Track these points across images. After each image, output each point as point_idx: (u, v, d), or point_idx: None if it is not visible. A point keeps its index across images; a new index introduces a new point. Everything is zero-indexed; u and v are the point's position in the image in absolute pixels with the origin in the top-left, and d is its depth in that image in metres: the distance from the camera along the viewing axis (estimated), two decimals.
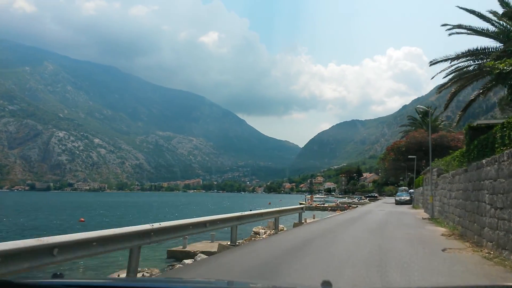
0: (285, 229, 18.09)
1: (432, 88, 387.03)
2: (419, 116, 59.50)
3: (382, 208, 36.12)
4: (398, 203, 46.27)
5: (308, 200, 68.17)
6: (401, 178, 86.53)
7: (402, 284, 5.97)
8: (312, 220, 23.77)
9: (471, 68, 17.03)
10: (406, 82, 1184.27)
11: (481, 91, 16.93)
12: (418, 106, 57.03)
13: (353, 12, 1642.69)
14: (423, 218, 21.15)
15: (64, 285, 1.20)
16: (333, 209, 49.72)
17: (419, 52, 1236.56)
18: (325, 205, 57.69)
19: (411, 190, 49.33)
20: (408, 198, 46.80)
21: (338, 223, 19.02)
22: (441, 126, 56.93)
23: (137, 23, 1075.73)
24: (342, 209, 46.60)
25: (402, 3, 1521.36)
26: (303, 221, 21.78)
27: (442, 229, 14.94)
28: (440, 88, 18.67)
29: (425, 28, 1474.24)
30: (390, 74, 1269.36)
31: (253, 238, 15.25)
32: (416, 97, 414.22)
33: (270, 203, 70.39)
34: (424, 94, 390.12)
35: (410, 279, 6.41)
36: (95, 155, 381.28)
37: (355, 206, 49.99)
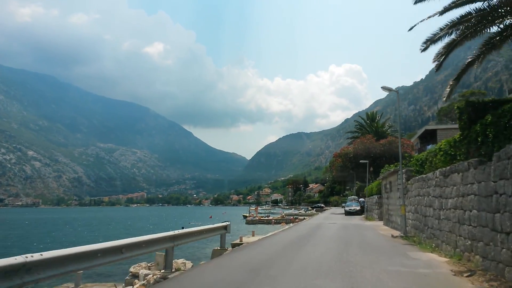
0: (187, 265, 12.03)
1: (371, 103, 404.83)
2: (366, 122, 57.74)
3: (333, 221, 31.35)
4: (348, 213, 42.84)
5: (251, 212, 65.10)
6: (347, 187, 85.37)
7: None
8: (250, 238, 18.60)
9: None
10: (348, 97, 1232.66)
11: (481, 50, 11.33)
12: (359, 116, 57.54)
13: (297, 29, 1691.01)
14: (393, 236, 15.81)
15: None
16: (278, 221, 46.75)
17: (359, 69, 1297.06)
18: (269, 217, 55.08)
19: (362, 199, 45.78)
20: (358, 208, 43.45)
21: (280, 247, 13.11)
22: (388, 131, 55.14)
23: (77, 32, 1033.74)
24: (288, 221, 43.74)
25: (343, 23, 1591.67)
26: (238, 240, 17.99)
27: (440, 259, 9.76)
28: (429, 41, 11.03)
29: (364, 47, 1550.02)
30: (332, 90, 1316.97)
31: None
32: (357, 111, 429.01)
33: (211, 217, 66.52)
34: (364, 108, 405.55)
35: None
36: (28, 169, 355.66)
37: (302, 218, 46.35)
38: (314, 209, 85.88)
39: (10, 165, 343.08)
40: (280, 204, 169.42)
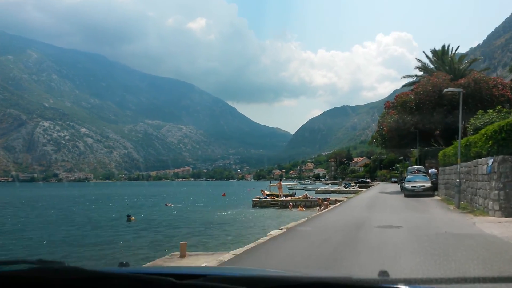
0: None
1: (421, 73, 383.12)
2: (432, 58, 42.01)
3: (390, 212, 17.61)
4: (410, 193, 26.70)
5: (270, 190, 45.65)
6: (403, 156, 67.57)
7: None
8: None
9: None
10: (396, 68, 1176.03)
11: None
12: (422, 52, 46.20)
13: None
14: None
15: (131, 273, 1.25)
16: (296, 204, 34.65)
17: (408, 37, 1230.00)
18: (287, 198, 38.12)
19: (432, 170, 30.87)
20: (428, 184, 27.41)
21: None
22: (468, 70, 38.94)
23: (122, 9, 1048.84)
24: (310, 205, 33.25)
25: None
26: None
27: None
28: None
29: (413, 13, 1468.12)
30: (380, 60, 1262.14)
31: None
32: (406, 81, 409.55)
33: (224, 195, 57.94)
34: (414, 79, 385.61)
35: None
36: (81, 145, 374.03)
37: (336, 201, 30.11)
38: (358, 185, 74.97)
39: (64, 141, 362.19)
40: (323, 179, 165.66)
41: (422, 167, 33.78)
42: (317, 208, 28.00)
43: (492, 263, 6.84)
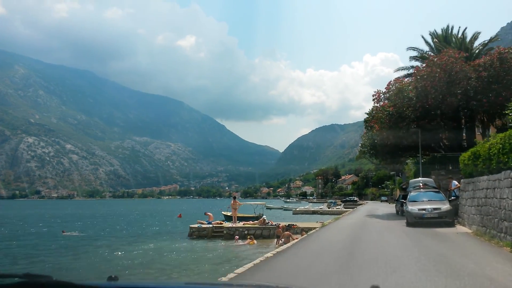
0: None
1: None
2: (433, 41, 31.53)
3: (395, 264, 8.85)
4: (417, 221, 17.54)
5: (227, 210, 37.49)
6: (401, 162, 48.62)
7: None
8: None
9: None
10: (383, 88, 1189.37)
11: None
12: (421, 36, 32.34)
13: (330, 19, 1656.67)
14: None
15: (120, 287, 1.19)
16: (248, 233, 24.66)
17: (395, 58, 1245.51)
18: (236, 224, 27.16)
19: (454, 183, 19.75)
20: (445, 206, 17.58)
21: None
22: (484, 50, 29.73)
23: (112, 26, 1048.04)
24: (270, 235, 24.35)
25: (377, 11, 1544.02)
26: None
27: None
28: None
29: (400, 35, 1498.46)
30: (367, 80, 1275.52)
31: None
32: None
33: (180, 216, 47.47)
34: None
35: None
36: (66, 162, 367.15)
37: (302, 232, 21.62)
38: (344, 203, 68.84)
39: (48, 158, 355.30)
40: (310, 197, 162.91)
41: (431, 179, 22.67)
42: (276, 240, 20.23)
43: None
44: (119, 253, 21.21)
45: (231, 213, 34.18)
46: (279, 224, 24.55)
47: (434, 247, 11.43)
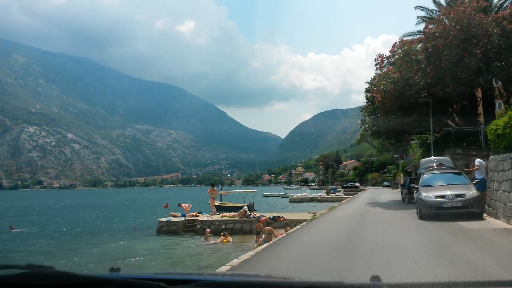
0: None
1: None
2: None
3: None
4: (435, 213, 13.21)
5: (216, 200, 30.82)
6: (405, 144, 46.07)
7: None
8: None
9: None
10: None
11: None
12: None
13: (330, 1, 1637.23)
14: None
15: (122, 278, 1.20)
16: (226, 228, 21.15)
17: (397, 40, 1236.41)
18: (212, 217, 23.03)
19: (481, 162, 14.41)
20: (471, 192, 13.12)
21: None
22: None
23: (110, 12, 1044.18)
24: (251, 230, 19.62)
25: None
26: None
27: None
28: None
29: (401, 15, 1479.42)
30: (369, 63, 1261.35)
31: None
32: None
33: (167, 206, 33.31)
34: None
35: None
36: (68, 151, 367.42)
37: (285, 228, 17.08)
38: (345, 189, 65.58)
39: (50, 147, 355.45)
40: (312, 184, 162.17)
41: (447, 158, 17.90)
42: (255, 237, 16.81)
43: None
44: (49, 258, 16.90)
45: (219, 202, 32.48)
46: (261, 216, 20.45)
47: (471, 257, 7.33)
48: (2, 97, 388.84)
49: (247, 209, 22.05)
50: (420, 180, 14.89)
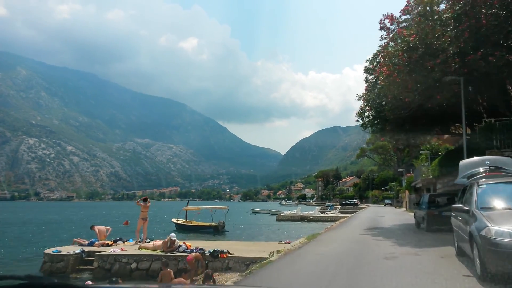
0: None
1: None
2: None
3: None
4: (508, 269, 5.82)
5: (178, 218, 30.28)
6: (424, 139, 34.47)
7: None
8: None
9: None
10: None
11: None
12: None
13: (332, 22, 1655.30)
14: None
15: None
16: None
17: None
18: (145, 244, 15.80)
19: None
20: None
21: None
22: None
23: (114, 28, 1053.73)
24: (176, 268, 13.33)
25: (379, 13, 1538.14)
26: None
27: None
28: None
29: None
30: None
31: None
32: None
33: (127, 223, 23.84)
34: None
35: None
36: (67, 163, 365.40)
37: (251, 262, 12.28)
38: (341, 207, 63.81)
39: (49, 159, 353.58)
40: (310, 200, 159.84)
41: (508, 158, 10.49)
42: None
43: None
44: None
45: (183, 220, 29.03)
46: (197, 250, 13.86)
47: None
48: (3, 109, 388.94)
49: (174, 238, 14.50)
50: (474, 198, 7.71)
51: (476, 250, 6.62)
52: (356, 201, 77.57)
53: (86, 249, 15.59)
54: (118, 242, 17.16)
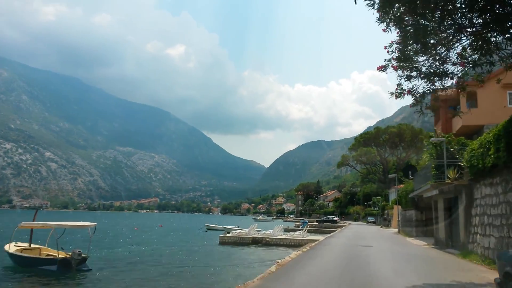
0: None
1: (396, 110, 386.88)
2: None
3: None
4: None
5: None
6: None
7: None
8: None
9: None
10: (371, 105, 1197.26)
11: None
12: None
13: (319, 35, 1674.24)
14: None
15: None
16: None
17: (383, 76, 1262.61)
18: None
19: None
20: None
21: None
22: None
23: (100, 32, 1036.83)
24: None
25: (365, 29, 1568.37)
26: None
27: None
28: None
29: (386, 53, 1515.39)
30: (354, 97, 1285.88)
31: None
32: (380, 119, 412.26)
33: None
34: (388, 116, 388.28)
35: None
36: (44, 170, 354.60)
37: None
38: (319, 223, 60.11)
39: (25, 165, 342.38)
40: (290, 216, 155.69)
41: None
42: None
43: None
44: None
45: (23, 246, 19.15)
46: None
47: None
48: None
49: None
50: None
51: None
52: (335, 218, 72.33)
53: None
54: None
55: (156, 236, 42.91)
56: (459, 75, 9.11)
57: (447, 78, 9.10)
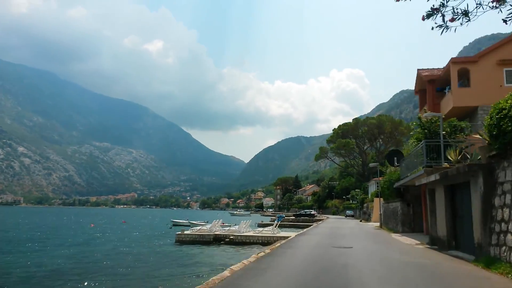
0: None
1: (373, 107, 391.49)
2: None
3: None
4: None
5: None
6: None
7: None
8: None
9: None
10: (349, 102, 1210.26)
11: None
12: None
13: (299, 33, 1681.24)
14: None
15: None
16: None
17: (361, 74, 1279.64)
18: None
19: None
20: None
21: None
22: None
23: (76, 26, 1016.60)
24: None
25: (344, 27, 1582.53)
26: None
27: None
28: None
29: (365, 51, 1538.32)
30: (333, 95, 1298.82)
31: None
32: (358, 115, 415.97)
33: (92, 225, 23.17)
34: (366, 113, 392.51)
35: None
36: (17, 165, 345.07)
37: None
38: (296, 217, 58.54)
39: None
40: (270, 210, 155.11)
41: None
42: None
43: None
44: None
45: None
46: None
47: None
48: None
49: None
50: None
51: None
52: (313, 212, 68.69)
53: None
54: None
55: (110, 234, 37.66)
56: None
57: None
